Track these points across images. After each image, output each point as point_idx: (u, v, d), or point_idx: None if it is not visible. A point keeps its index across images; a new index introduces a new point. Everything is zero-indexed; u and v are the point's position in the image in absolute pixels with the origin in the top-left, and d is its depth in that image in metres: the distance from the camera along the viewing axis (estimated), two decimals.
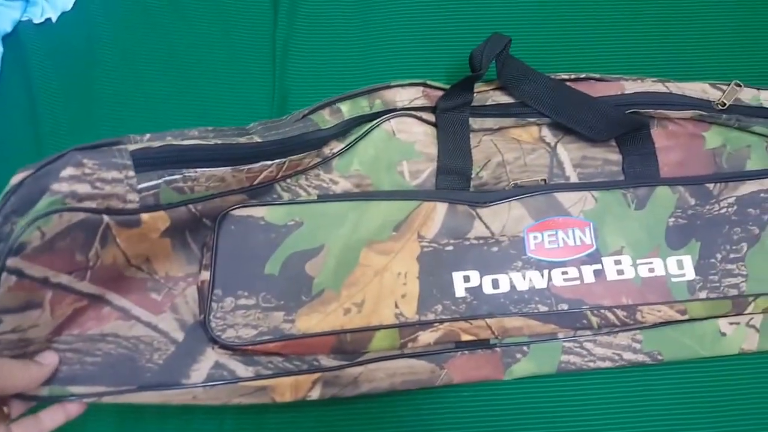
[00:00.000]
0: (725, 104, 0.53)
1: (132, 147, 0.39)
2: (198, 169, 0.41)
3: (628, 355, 0.48)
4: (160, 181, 0.40)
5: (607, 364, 0.48)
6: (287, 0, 0.61)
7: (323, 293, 0.45)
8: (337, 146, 0.50)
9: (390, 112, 0.51)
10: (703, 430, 0.48)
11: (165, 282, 0.46)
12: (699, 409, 0.48)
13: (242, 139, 0.44)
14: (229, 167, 0.43)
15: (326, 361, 0.45)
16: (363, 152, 0.50)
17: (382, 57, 0.59)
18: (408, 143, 0.51)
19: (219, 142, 0.43)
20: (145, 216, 0.40)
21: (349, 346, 0.45)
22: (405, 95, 0.52)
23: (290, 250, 0.46)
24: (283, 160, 0.46)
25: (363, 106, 0.50)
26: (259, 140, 0.44)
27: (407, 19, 0.60)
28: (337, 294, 0.46)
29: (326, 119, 0.48)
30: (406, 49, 0.59)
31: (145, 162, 0.39)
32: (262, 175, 0.46)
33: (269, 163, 0.45)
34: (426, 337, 0.46)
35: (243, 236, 0.46)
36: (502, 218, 0.50)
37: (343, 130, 0.49)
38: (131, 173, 0.39)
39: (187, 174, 0.41)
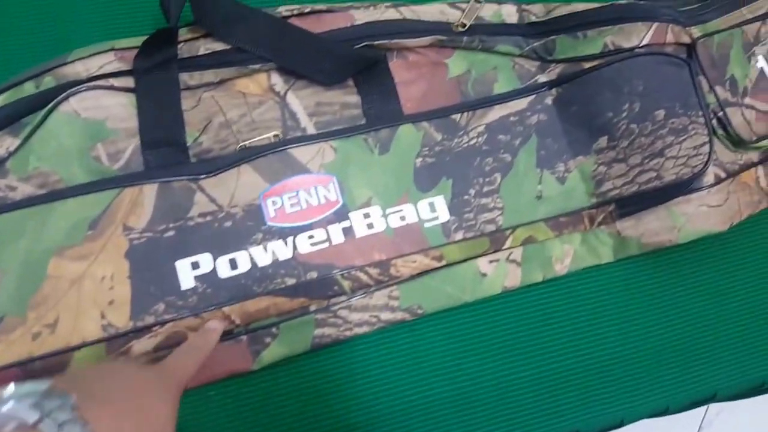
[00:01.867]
0: (465, 25, 0.49)
1: None
2: None
3: (386, 315, 0.45)
4: None
5: (365, 329, 0.44)
6: None
7: (3, 321, 0.38)
8: (12, 144, 0.41)
9: (70, 87, 0.42)
10: (473, 376, 0.46)
11: None
12: (467, 355, 0.46)
13: None
14: None
15: None
16: (41, 145, 0.42)
17: (75, 5, 0.49)
18: (98, 121, 0.43)
19: None
20: None
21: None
22: (92, 64, 0.43)
23: None
24: None
25: (26, 89, 0.41)
26: None
27: None
28: (22, 318, 0.39)
29: None
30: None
31: None
32: None
33: None
34: (142, 346, 0.40)
35: None
36: (231, 187, 0.44)
37: (3, 121, 0.41)
38: None
39: None
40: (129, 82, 0.44)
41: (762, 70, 0.52)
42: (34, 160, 0.42)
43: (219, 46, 0.46)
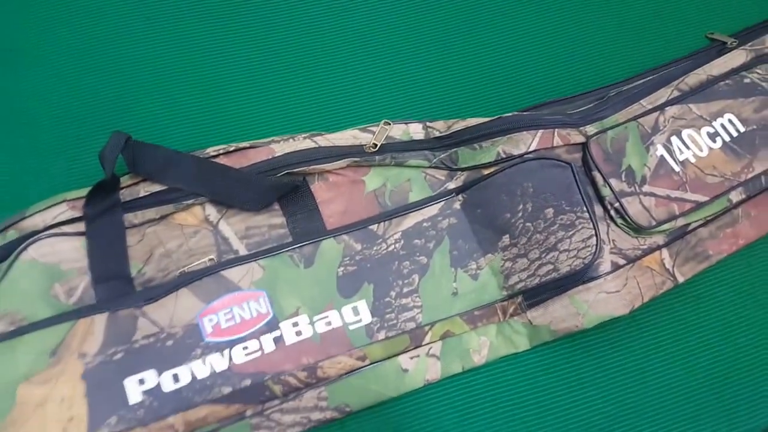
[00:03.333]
0: (376, 145, 0.64)
1: None
2: None
3: (316, 415, 0.57)
4: None
5: (297, 429, 0.57)
6: None
7: None
8: None
9: (28, 238, 0.58)
10: None
11: None
12: None
13: None
14: None
15: None
16: (7, 290, 0.57)
17: (37, 165, 0.66)
18: (53, 265, 0.58)
19: None
20: None
21: None
22: (48, 216, 0.59)
23: None
24: None
25: None
26: None
27: (57, 124, 0.68)
28: None
29: None
30: (60, 154, 0.67)
31: None
32: None
33: None
34: None
35: None
36: (170, 310, 0.58)
37: None
38: None
39: None
40: (80, 227, 0.60)
41: (662, 157, 0.66)
42: (2, 303, 0.57)
43: (157, 187, 0.62)
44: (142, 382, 0.56)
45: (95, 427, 0.54)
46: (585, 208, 0.60)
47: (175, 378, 0.56)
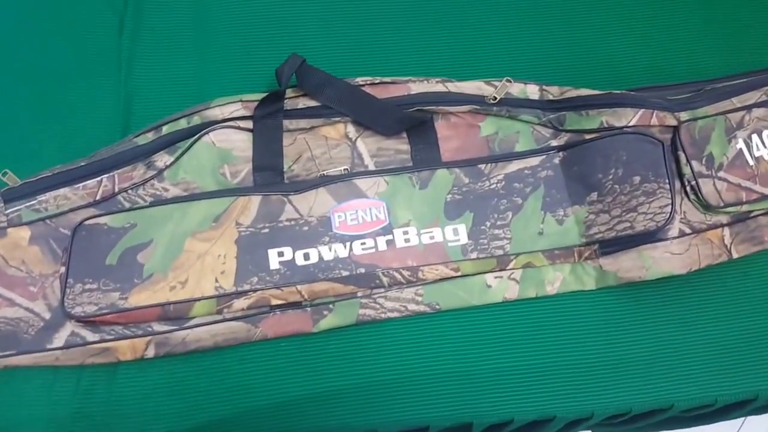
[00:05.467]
0: (496, 98, 0.70)
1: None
2: (46, 193, 0.64)
3: (412, 306, 0.66)
4: (21, 206, 0.65)
5: (395, 314, 0.65)
6: (131, 15, 0.76)
7: (152, 276, 0.62)
8: (168, 160, 0.66)
9: (210, 125, 0.67)
10: (475, 360, 0.65)
11: (39, 278, 0.64)
12: (472, 344, 0.66)
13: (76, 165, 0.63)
14: (67, 187, 0.64)
15: (158, 327, 0.62)
16: (188, 163, 0.66)
17: (214, 67, 0.75)
18: (226, 150, 0.67)
19: (61, 170, 0.63)
20: (10, 230, 0.65)
21: (173, 314, 0.61)
22: (226, 110, 0.68)
23: (126, 245, 0.63)
24: (111, 174, 0.63)
25: (181, 124, 0.66)
26: (84, 164, 0.62)
27: (234, 37, 0.76)
28: (165, 275, 0.62)
29: (147, 137, 0.65)
30: (234, 62, 0.75)
31: (11, 197, 0.65)
32: (100, 190, 0.64)
33: (99, 178, 0.63)
34: (239, 304, 0.63)
35: (90, 239, 0.63)
36: (310, 202, 0.67)
37: (164, 144, 0.66)
38: (1, 205, 0.64)
39: (39, 198, 0.65)
40: (249, 124, 0.68)
41: (740, 150, 0.70)
42: (182, 172, 0.67)
43: (312, 103, 0.70)
44: (281, 254, 0.65)
45: (240, 281, 0.63)
46: (668, 181, 0.65)
47: (306, 256, 0.65)
